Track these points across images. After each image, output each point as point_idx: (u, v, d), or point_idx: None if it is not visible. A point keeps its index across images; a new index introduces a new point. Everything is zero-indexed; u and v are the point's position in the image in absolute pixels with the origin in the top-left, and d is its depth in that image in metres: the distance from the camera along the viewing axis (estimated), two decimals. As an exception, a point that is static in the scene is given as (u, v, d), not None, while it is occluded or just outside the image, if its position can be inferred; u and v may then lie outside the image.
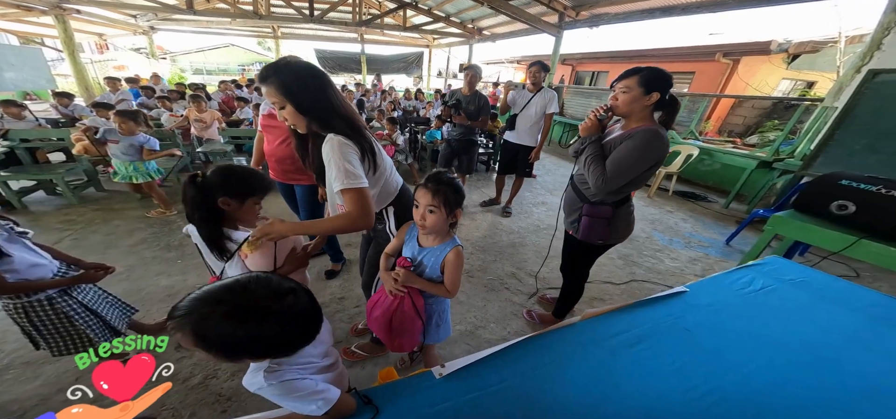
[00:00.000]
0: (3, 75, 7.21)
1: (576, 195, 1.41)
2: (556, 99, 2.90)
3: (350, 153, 0.94)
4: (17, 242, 1.09)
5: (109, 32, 10.39)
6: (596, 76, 10.36)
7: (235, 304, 0.49)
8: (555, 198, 4.25)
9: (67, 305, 1.20)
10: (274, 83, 0.89)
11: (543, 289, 2.27)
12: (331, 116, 0.96)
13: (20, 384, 1.41)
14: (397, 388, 0.74)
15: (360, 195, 0.94)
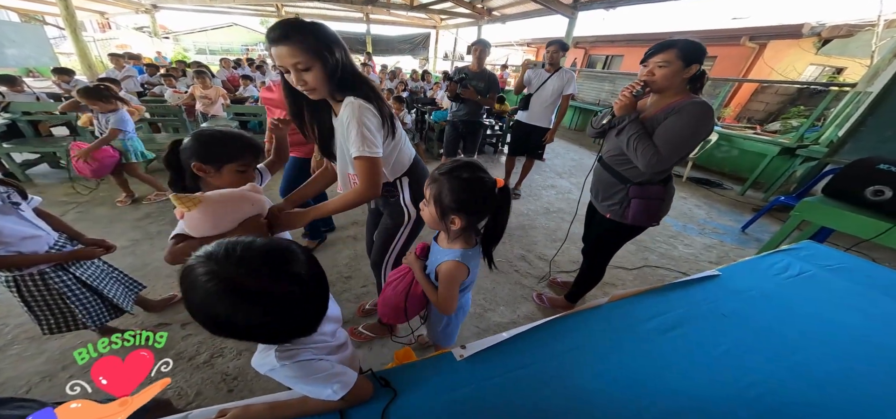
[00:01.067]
0: (5, 52, 7.15)
1: (614, 177, 1.33)
2: (575, 80, 2.77)
3: (370, 118, 0.90)
4: (9, 214, 1.01)
5: (111, 11, 10.21)
6: (610, 60, 10.00)
7: (233, 285, 0.42)
8: (564, 181, 4.15)
9: (61, 282, 1.13)
10: (299, 43, 0.79)
11: (554, 273, 2.22)
12: (355, 80, 0.91)
13: (24, 361, 1.39)
14: (415, 370, 0.70)
15: (373, 165, 0.92)
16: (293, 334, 0.50)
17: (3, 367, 1.35)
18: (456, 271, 0.83)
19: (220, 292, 0.41)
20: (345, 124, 0.91)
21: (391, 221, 1.23)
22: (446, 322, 1.08)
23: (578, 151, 5.88)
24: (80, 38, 6.97)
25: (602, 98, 6.95)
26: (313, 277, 0.49)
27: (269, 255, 0.45)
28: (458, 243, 0.85)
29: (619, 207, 1.33)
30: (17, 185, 1.05)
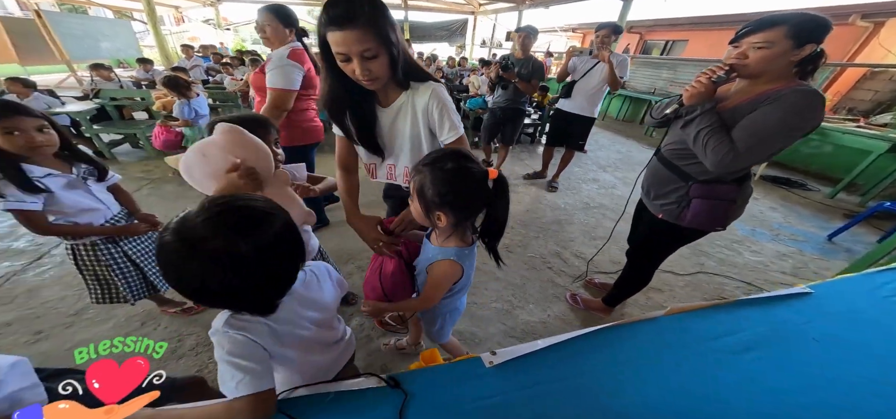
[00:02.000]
0: (100, 45, 8.27)
1: (672, 173, 1.17)
2: (628, 64, 2.50)
3: (450, 100, 0.89)
4: (77, 188, 1.09)
5: (184, 5, 11.33)
6: (670, 46, 8.91)
7: (182, 237, 0.41)
8: (608, 175, 3.84)
9: (109, 254, 1.20)
10: (369, 26, 0.66)
11: (592, 273, 2.06)
12: (415, 65, 0.86)
13: (95, 325, 1.52)
14: (439, 374, 0.66)
15: (462, 142, 0.90)
16: (248, 305, 0.48)
17: (79, 330, 1.50)
18: (449, 271, 0.76)
19: (178, 248, 0.41)
20: (427, 109, 0.87)
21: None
22: (440, 324, 1.03)
23: (625, 143, 5.40)
24: (159, 31, 7.86)
25: (658, 86, 6.29)
26: (279, 248, 0.46)
27: (239, 213, 0.44)
28: (452, 241, 0.77)
29: (676, 207, 1.16)
30: (99, 164, 1.16)
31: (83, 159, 1.12)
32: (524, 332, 1.62)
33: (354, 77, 0.74)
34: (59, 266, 1.84)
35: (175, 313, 1.55)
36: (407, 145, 0.96)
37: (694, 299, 1.95)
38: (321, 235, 2.18)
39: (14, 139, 0.92)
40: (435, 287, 0.80)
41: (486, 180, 0.66)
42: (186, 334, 1.48)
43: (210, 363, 1.36)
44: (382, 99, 0.92)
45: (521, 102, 2.99)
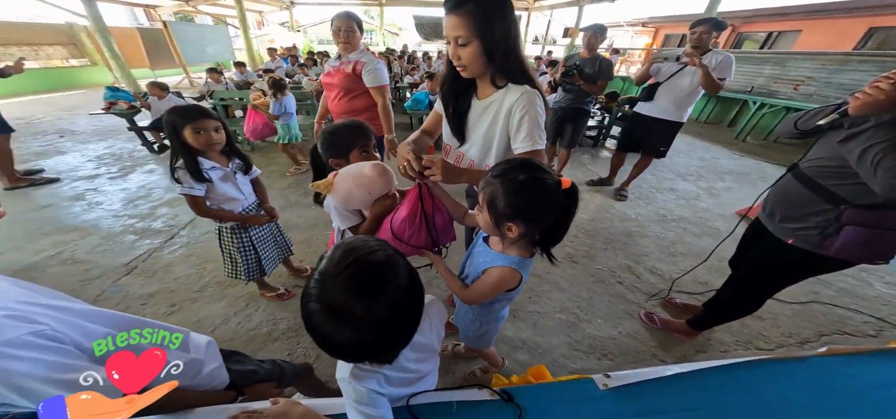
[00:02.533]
0: (206, 49, 9.71)
1: (816, 194, 1.02)
2: (732, 64, 2.17)
3: (541, 112, 0.86)
4: (228, 181, 1.29)
5: (266, 9, 12.76)
6: (775, 37, 7.54)
7: (322, 301, 0.43)
8: (688, 184, 3.44)
9: (240, 239, 1.42)
10: (466, 14, 0.74)
11: (672, 292, 1.88)
12: (522, 70, 0.84)
13: (213, 301, 1.72)
14: (549, 392, 0.66)
15: (539, 158, 0.85)
16: (368, 357, 0.48)
17: (201, 306, 1.71)
18: (508, 278, 0.75)
19: (321, 312, 0.42)
20: (511, 111, 0.86)
21: None
22: (482, 330, 1.02)
23: (709, 149, 4.77)
24: (248, 35, 9.02)
25: (758, 84, 5.41)
26: (410, 301, 0.47)
27: (371, 272, 0.44)
28: (515, 250, 0.75)
29: (817, 234, 1.00)
30: (247, 160, 1.38)
31: (237, 155, 1.34)
32: (591, 347, 1.56)
33: (454, 60, 0.83)
34: (185, 246, 2.19)
35: (272, 298, 1.73)
36: (480, 141, 0.98)
37: (804, 331, 1.70)
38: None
39: (199, 137, 1.15)
40: (488, 288, 0.79)
41: (559, 190, 0.64)
42: (280, 318, 1.65)
43: (299, 348, 1.50)
44: (479, 91, 0.96)
45: (585, 103, 2.83)
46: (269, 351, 1.50)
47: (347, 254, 0.45)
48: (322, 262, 0.46)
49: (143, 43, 8.28)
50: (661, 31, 11.05)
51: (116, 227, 2.39)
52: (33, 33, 7.69)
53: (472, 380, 1.40)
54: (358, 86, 1.83)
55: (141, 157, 3.62)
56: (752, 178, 3.72)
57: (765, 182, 3.52)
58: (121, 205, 2.69)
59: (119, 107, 3.43)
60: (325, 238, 2.32)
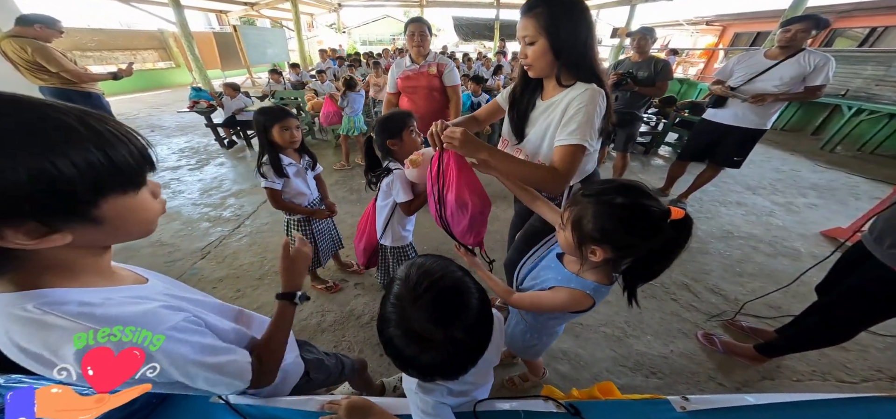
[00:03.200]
0: (266, 51, 10.64)
1: None
2: (831, 65, 1.90)
3: (600, 112, 0.83)
4: (300, 176, 1.40)
5: (316, 11, 13.60)
6: (879, 33, 6.42)
7: (403, 327, 0.44)
8: (760, 199, 3.08)
9: (306, 230, 1.53)
10: (535, 16, 0.78)
11: (736, 314, 1.71)
12: (593, 70, 0.84)
13: (271, 290, 1.84)
14: (619, 410, 0.64)
15: (581, 155, 0.83)
16: (443, 376, 0.49)
17: (261, 292, 1.84)
18: (579, 302, 0.69)
19: (402, 338, 0.44)
20: (572, 107, 0.82)
21: (541, 225, 1.14)
22: (532, 342, 0.98)
23: (788, 159, 4.20)
24: (302, 38, 9.71)
25: (854, 86, 4.67)
26: (482, 322, 0.48)
27: (447, 294, 0.46)
28: (593, 274, 0.69)
29: None
30: (314, 157, 1.51)
31: (307, 153, 1.46)
32: (638, 364, 1.48)
33: (521, 60, 0.88)
34: (249, 236, 2.41)
35: (321, 290, 1.83)
36: (535, 138, 0.98)
37: (896, 367, 1.47)
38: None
39: (284, 134, 1.28)
40: (550, 304, 0.75)
41: (664, 221, 0.56)
42: (328, 310, 1.74)
43: (343, 341, 1.57)
44: (544, 92, 0.96)
45: (637, 107, 2.66)
46: (318, 341, 1.58)
47: (422, 277, 0.46)
48: (396, 285, 0.47)
49: (216, 46, 9.27)
50: (729, 29, 9.92)
51: (194, 215, 2.70)
52: (131, 39, 8.99)
53: (509, 387, 1.38)
54: (439, 85, 2.06)
55: (214, 150, 4.06)
56: (842, 195, 3.21)
57: (857, 200, 3.06)
58: (198, 194, 3.04)
59: (200, 105, 3.89)
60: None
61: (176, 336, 0.42)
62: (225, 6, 9.61)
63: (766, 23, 8.23)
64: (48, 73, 2.41)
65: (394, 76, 2.14)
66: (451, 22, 13.01)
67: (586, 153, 0.84)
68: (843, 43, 6.85)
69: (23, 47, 2.30)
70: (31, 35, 2.34)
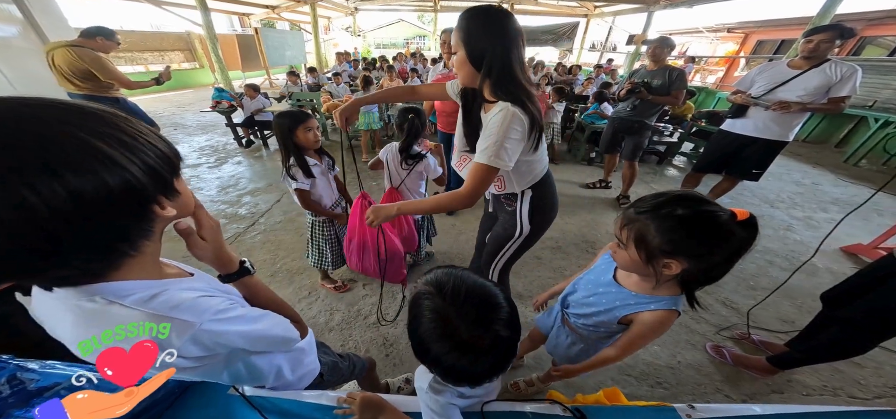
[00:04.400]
0: (285, 53, 10.92)
1: None
2: (858, 77, 1.83)
3: (516, 129, 0.84)
4: (324, 176, 1.43)
5: (333, 15, 13.89)
6: None
7: (442, 329, 0.46)
8: (780, 213, 3.00)
9: (330, 231, 1.59)
10: (458, 27, 0.85)
11: (748, 327, 1.69)
12: (512, 85, 0.84)
13: (282, 287, 1.89)
14: (626, 416, 0.65)
15: (489, 176, 0.89)
16: (461, 380, 0.50)
17: (274, 289, 1.94)
18: (667, 321, 0.69)
19: (437, 331, 0.46)
20: (489, 127, 0.87)
21: (502, 230, 1.19)
22: (584, 353, 0.95)
23: (810, 172, 4.07)
24: (318, 40, 9.95)
25: (883, 97, 4.47)
26: (514, 316, 0.49)
27: (484, 300, 0.48)
28: (665, 289, 0.69)
29: None
30: (332, 157, 1.54)
31: (326, 153, 1.50)
32: (643, 374, 1.48)
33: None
34: (263, 233, 2.48)
35: (331, 289, 1.86)
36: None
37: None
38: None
39: (308, 135, 1.31)
40: (644, 337, 0.73)
41: (732, 224, 0.56)
42: (336, 309, 1.77)
43: (350, 341, 1.60)
44: (485, 105, 0.96)
45: (647, 115, 2.61)
46: (326, 340, 1.60)
47: (456, 287, 0.47)
48: (426, 301, 0.48)
49: (238, 47, 9.60)
50: (751, 37, 9.63)
51: (212, 211, 2.78)
52: (160, 40, 9.41)
53: (514, 391, 1.40)
54: None
55: (232, 149, 4.22)
56: (864, 210, 3.05)
57: (880, 216, 2.96)
58: (216, 191, 3.16)
59: (222, 105, 4.05)
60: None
61: (219, 317, 0.46)
62: (248, 9, 9.96)
63: (790, 30, 7.96)
64: (89, 81, 2.50)
65: (430, 77, 2.30)
66: None
67: (494, 170, 0.88)
68: (873, 51, 6.57)
69: (81, 57, 2.38)
70: (92, 47, 2.44)
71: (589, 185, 3.39)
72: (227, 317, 0.47)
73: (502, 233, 1.19)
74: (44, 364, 0.71)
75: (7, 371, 0.69)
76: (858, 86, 1.85)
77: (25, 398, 0.65)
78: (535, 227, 1.13)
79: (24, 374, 0.67)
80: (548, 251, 2.32)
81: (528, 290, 1.96)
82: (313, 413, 0.64)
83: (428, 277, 0.51)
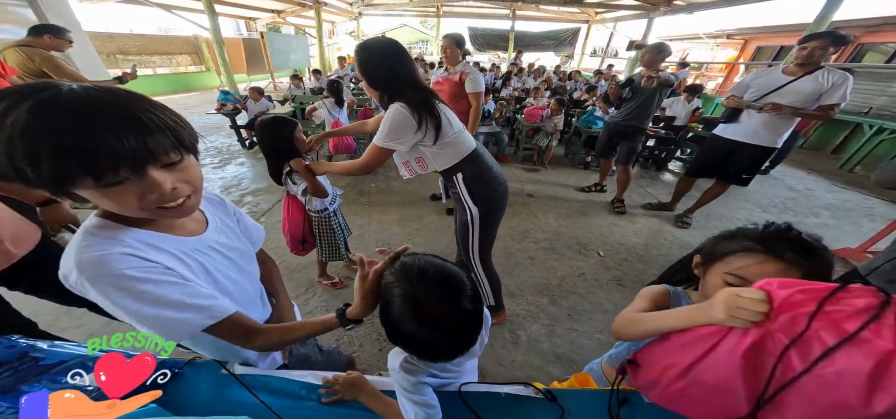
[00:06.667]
0: (289, 57, 11.09)
1: None
2: (850, 84, 1.86)
3: (399, 120, 1.08)
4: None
5: (337, 19, 14.06)
6: None
7: (413, 311, 0.49)
8: (769, 216, 2.87)
9: (335, 221, 1.66)
10: (357, 62, 1.12)
11: None
12: (405, 88, 1.10)
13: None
14: (593, 398, 0.68)
15: (377, 153, 1.17)
16: (436, 356, 0.54)
17: None
18: None
19: (409, 313, 0.49)
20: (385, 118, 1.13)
21: (459, 219, 1.35)
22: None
23: (804, 178, 4.10)
24: (322, 44, 10.11)
25: (879, 104, 4.54)
26: (477, 292, 0.53)
27: (448, 278, 0.51)
28: None
29: None
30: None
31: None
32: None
33: None
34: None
35: (328, 286, 1.90)
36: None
37: None
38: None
39: (301, 138, 1.38)
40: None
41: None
42: (332, 306, 1.81)
43: (344, 336, 1.63)
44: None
45: (641, 120, 2.64)
46: (320, 339, 1.68)
47: (422, 270, 0.52)
48: (397, 288, 0.51)
49: (244, 51, 9.78)
50: (750, 43, 9.66)
51: None
52: (168, 44, 9.60)
53: None
54: (462, 92, 2.31)
55: (235, 151, 4.31)
56: (856, 216, 3.12)
57: (871, 221, 2.98)
58: (219, 190, 3.23)
59: (227, 108, 4.16)
60: (376, 233, 2.55)
61: (124, 282, 0.45)
62: (254, 13, 10.15)
63: (789, 36, 7.99)
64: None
65: (431, 81, 2.47)
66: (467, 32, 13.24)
67: (381, 149, 1.16)
68: (873, 57, 6.58)
69: (31, 57, 2.28)
70: (42, 45, 2.33)
71: (584, 188, 3.44)
72: (123, 286, 0.45)
73: (460, 221, 1.34)
74: (52, 343, 0.78)
75: (18, 349, 0.76)
76: (849, 93, 1.88)
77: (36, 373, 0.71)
78: (482, 203, 1.25)
79: (35, 353, 0.74)
80: (541, 252, 2.37)
81: (519, 289, 2.00)
82: (300, 391, 0.69)
83: (395, 266, 0.55)
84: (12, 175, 0.35)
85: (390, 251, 0.61)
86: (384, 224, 2.69)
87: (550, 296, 1.95)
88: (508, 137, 4.66)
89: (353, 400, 0.67)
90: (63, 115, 0.34)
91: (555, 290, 2.00)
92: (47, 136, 0.34)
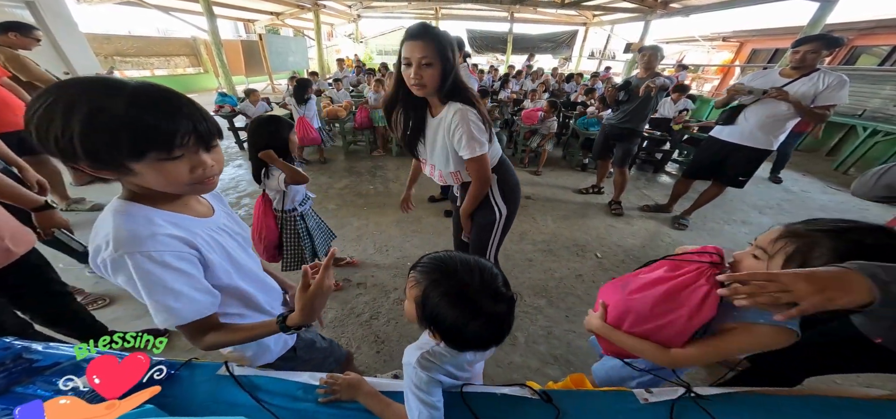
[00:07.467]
0: (288, 59, 11.08)
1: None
2: (845, 86, 1.87)
3: (476, 122, 1.01)
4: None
5: (336, 21, 14.09)
6: None
7: (459, 289, 0.52)
8: (766, 219, 3.06)
9: (300, 225, 1.58)
10: (431, 41, 0.91)
11: None
12: (460, 88, 1.01)
13: None
14: (588, 399, 0.69)
15: (484, 161, 1.07)
16: (472, 346, 0.55)
17: None
18: (778, 340, 0.61)
19: (485, 325, 0.52)
20: (451, 128, 1.02)
21: (484, 220, 1.28)
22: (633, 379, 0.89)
23: (800, 180, 4.14)
24: (321, 47, 10.11)
25: (872, 106, 4.56)
26: (512, 300, 0.55)
27: (486, 272, 0.55)
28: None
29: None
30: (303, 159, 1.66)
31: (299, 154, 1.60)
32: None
33: (408, 81, 0.96)
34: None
35: None
36: (439, 154, 1.14)
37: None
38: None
39: (295, 140, 1.41)
40: (741, 349, 0.65)
41: None
42: (329, 307, 1.79)
43: (342, 338, 1.64)
44: (432, 109, 1.09)
45: (637, 122, 2.67)
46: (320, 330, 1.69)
47: (469, 270, 0.54)
48: (443, 286, 0.53)
49: (242, 53, 9.77)
50: (746, 45, 9.76)
51: None
52: (167, 46, 9.58)
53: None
54: None
55: (233, 153, 4.30)
56: (852, 217, 3.12)
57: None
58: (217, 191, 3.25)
59: (225, 110, 4.14)
60: (374, 235, 2.55)
61: (146, 253, 0.50)
62: (252, 15, 10.14)
63: (784, 39, 8.08)
64: (20, 82, 2.25)
65: None
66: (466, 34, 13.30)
67: (483, 155, 1.05)
68: (867, 60, 6.66)
69: None
70: (7, 44, 2.24)
71: (582, 190, 3.46)
72: (150, 261, 0.50)
73: (484, 222, 1.29)
74: (47, 345, 0.77)
75: (12, 351, 0.75)
76: (845, 96, 1.89)
77: (30, 375, 0.70)
78: (511, 205, 1.27)
79: (29, 354, 0.74)
80: (539, 253, 2.38)
81: (517, 291, 1.96)
82: (298, 391, 0.70)
83: (437, 266, 0.56)
84: (72, 151, 0.41)
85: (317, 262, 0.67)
86: (382, 225, 2.69)
87: (548, 297, 1.96)
88: (507, 139, 4.69)
89: (350, 400, 0.67)
90: (155, 100, 0.45)
91: (553, 292, 2.00)
92: (147, 115, 0.43)
